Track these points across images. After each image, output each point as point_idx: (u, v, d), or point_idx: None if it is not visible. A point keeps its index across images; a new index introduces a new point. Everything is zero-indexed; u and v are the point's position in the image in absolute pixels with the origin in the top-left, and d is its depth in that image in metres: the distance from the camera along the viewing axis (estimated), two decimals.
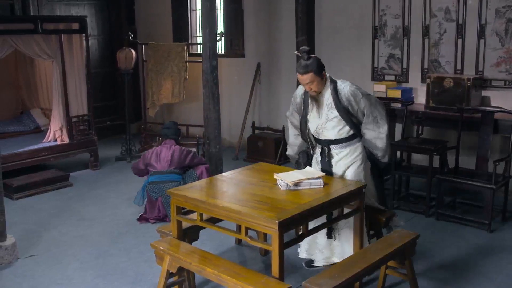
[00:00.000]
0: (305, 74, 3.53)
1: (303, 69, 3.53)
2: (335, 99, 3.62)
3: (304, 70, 3.53)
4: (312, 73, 3.53)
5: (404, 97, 5.64)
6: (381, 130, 3.66)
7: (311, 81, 3.56)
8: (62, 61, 6.46)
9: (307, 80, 3.55)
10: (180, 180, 5.07)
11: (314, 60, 3.55)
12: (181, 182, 5.03)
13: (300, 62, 3.56)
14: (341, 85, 3.66)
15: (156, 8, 8.73)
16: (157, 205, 5.03)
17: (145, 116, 8.35)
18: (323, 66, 3.62)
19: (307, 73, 3.53)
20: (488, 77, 5.55)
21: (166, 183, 5.03)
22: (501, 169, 4.86)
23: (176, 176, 5.11)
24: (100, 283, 3.93)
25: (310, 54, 3.56)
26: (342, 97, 3.62)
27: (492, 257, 4.21)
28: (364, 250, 3.42)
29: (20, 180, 5.97)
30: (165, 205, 4.96)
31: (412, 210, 5.23)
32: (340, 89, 3.64)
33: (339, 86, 3.65)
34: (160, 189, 5.00)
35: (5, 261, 4.22)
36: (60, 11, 8.06)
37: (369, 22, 6.33)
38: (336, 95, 3.62)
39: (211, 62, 5.43)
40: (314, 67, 3.53)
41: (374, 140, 3.69)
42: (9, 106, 7.56)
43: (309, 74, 3.53)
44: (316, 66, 3.54)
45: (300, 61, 3.58)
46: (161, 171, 5.13)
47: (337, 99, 3.62)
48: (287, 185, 3.37)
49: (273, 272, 2.98)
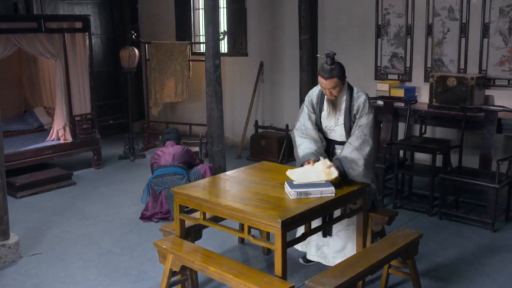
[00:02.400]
0: (329, 79, 3.53)
1: (328, 73, 3.52)
2: (348, 105, 3.65)
3: (329, 75, 3.52)
4: (337, 79, 3.53)
5: (407, 96, 5.63)
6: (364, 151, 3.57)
7: (333, 86, 3.56)
8: (65, 60, 6.48)
9: (330, 85, 3.55)
10: (184, 175, 5.07)
11: (338, 66, 3.55)
12: (185, 177, 5.03)
13: (324, 67, 3.54)
14: (356, 93, 3.68)
15: (159, 7, 8.74)
16: (159, 199, 5.03)
17: (148, 115, 8.36)
18: (345, 72, 3.63)
19: (331, 78, 3.52)
20: (491, 76, 5.53)
21: (170, 175, 5.03)
22: (504, 168, 4.85)
23: (181, 170, 5.11)
24: (103, 281, 3.94)
25: (335, 59, 3.55)
26: (355, 105, 3.64)
27: (495, 257, 4.21)
28: (367, 249, 3.42)
29: (23, 179, 5.98)
30: (168, 199, 4.96)
31: (415, 209, 5.22)
32: (355, 97, 3.66)
33: (355, 94, 3.67)
34: (164, 182, 5.01)
35: (8, 259, 4.23)
36: (63, 10, 8.07)
37: (372, 21, 6.32)
38: (350, 101, 3.65)
39: (214, 61, 5.43)
40: (339, 72, 3.53)
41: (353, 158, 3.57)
42: (12, 105, 7.57)
43: (334, 79, 3.53)
44: (341, 72, 3.55)
45: (323, 65, 3.56)
46: (165, 164, 5.15)
47: (350, 106, 3.65)
48: (297, 194, 3.25)
49: (276, 271, 2.98)
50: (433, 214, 5.07)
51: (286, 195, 3.32)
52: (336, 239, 3.90)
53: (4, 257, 4.21)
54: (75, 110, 6.68)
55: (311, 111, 3.81)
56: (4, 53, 6.06)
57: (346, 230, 3.86)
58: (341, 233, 3.88)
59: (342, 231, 3.87)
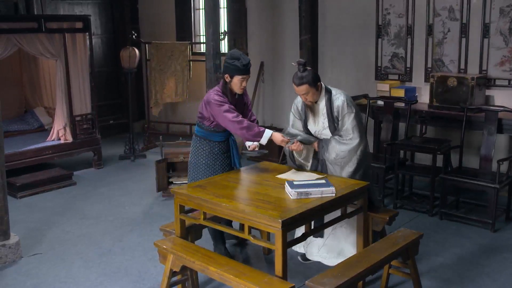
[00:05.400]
0: (300, 86, 3.66)
1: (299, 80, 3.66)
2: (328, 108, 3.75)
3: (299, 82, 3.65)
4: (307, 85, 3.65)
5: (407, 96, 5.63)
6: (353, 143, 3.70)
7: (306, 92, 3.68)
8: (65, 60, 6.48)
9: (302, 91, 3.68)
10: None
11: (310, 72, 3.67)
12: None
13: (296, 74, 3.68)
14: (335, 95, 3.77)
15: (160, 7, 8.74)
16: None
17: (148, 115, 8.36)
18: (319, 77, 3.75)
19: (302, 84, 3.65)
20: (492, 76, 5.53)
21: None
22: (505, 168, 4.85)
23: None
24: (104, 281, 3.94)
25: (306, 67, 3.68)
26: (334, 107, 3.73)
27: (496, 257, 4.21)
28: (368, 249, 3.42)
29: (23, 179, 5.98)
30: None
31: (416, 209, 5.22)
32: (334, 100, 3.75)
33: (333, 97, 3.76)
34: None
35: (9, 259, 4.24)
36: (63, 10, 8.07)
37: (372, 21, 6.31)
38: (330, 104, 3.75)
39: (214, 61, 5.43)
40: (310, 79, 3.65)
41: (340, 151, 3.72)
42: (13, 105, 7.56)
43: (304, 85, 3.65)
44: (312, 78, 3.66)
45: (296, 72, 3.69)
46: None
47: (330, 108, 3.74)
48: (298, 194, 3.27)
49: (276, 271, 2.98)
50: (433, 214, 5.07)
51: (286, 195, 3.32)
52: (332, 238, 3.92)
53: (4, 257, 4.21)
54: (76, 110, 6.68)
55: (297, 117, 3.95)
56: (4, 53, 6.06)
57: (341, 228, 3.88)
58: (337, 231, 3.90)
59: (337, 229, 3.89)
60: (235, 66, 3.74)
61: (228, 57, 3.81)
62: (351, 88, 6.42)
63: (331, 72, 6.76)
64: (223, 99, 3.81)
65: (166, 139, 6.73)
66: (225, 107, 3.77)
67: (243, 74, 3.78)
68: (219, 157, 3.99)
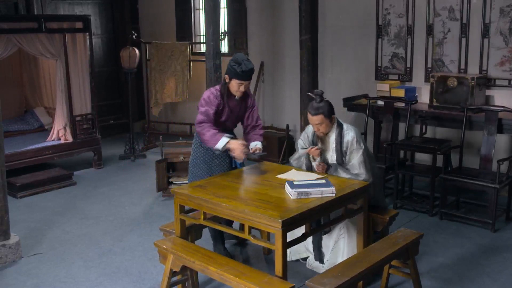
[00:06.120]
0: (315, 116, 3.71)
1: (315, 110, 3.70)
2: (338, 142, 3.78)
3: (315, 112, 3.70)
4: (323, 116, 3.70)
5: (407, 96, 5.62)
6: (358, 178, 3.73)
7: (320, 123, 3.73)
8: (65, 60, 6.48)
9: (317, 121, 3.72)
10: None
11: (326, 104, 3.72)
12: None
13: (312, 104, 3.73)
14: (345, 130, 3.80)
15: (160, 7, 8.74)
16: None
17: (148, 115, 8.36)
18: (333, 110, 3.78)
19: (317, 114, 3.70)
20: (492, 76, 5.53)
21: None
22: (505, 168, 4.85)
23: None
24: (104, 281, 3.94)
25: (323, 98, 3.73)
26: (344, 142, 3.76)
27: (496, 257, 4.21)
28: (368, 249, 3.42)
29: (24, 179, 5.98)
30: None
31: (416, 209, 5.22)
32: (344, 134, 3.78)
33: (344, 131, 3.79)
34: None
35: (9, 259, 4.24)
36: (63, 10, 8.07)
37: (373, 21, 6.31)
38: (340, 138, 3.78)
39: (214, 61, 5.43)
40: (325, 110, 3.70)
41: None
42: (13, 104, 7.57)
43: (320, 116, 3.70)
44: (327, 110, 3.71)
45: (312, 102, 3.75)
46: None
47: (340, 142, 3.78)
48: (298, 194, 3.27)
49: (277, 271, 2.98)
50: (433, 214, 5.07)
51: (287, 195, 3.32)
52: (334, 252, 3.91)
53: (4, 257, 4.21)
54: (76, 110, 6.68)
55: (306, 145, 3.98)
56: (4, 53, 6.06)
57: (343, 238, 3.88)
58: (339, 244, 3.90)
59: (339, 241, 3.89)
60: (234, 70, 3.75)
61: (232, 59, 3.83)
62: (351, 88, 6.43)
63: (331, 72, 6.76)
64: (211, 102, 3.84)
65: (166, 139, 6.74)
66: (204, 108, 3.83)
67: (240, 80, 3.78)
68: (218, 156, 4.00)
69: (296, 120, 6.80)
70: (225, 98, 3.87)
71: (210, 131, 3.81)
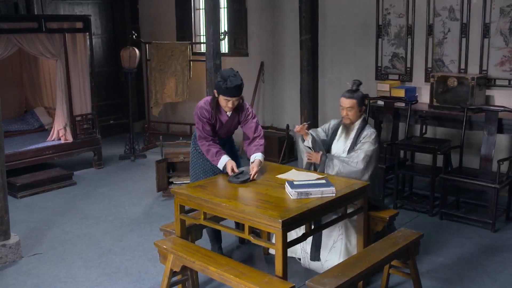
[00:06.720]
0: (349, 99, 3.90)
1: (350, 94, 3.92)
2: (357, 135, 3.93)
3: (350, 95, 3.91)
4: (356, 102, 3.90)
5: (407, 96, 5.62)
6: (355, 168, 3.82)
7: (351, 107, 3.90)
8: (66, 60, 6.48)
9: (348, 104, 3.91)
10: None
11: (361, 93, 3.94)
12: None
13: (348, 90, 3.93)
14: (368, 127, 3.98)
15: (160, 7, 8.74)
16: None
17: (148, 115, 8.36)
18: (365, 103, 3.98)
19: (351, 98, 3.90)
20: (492, 76, 5.53)
21: None
22: (505, 168, 4.84)
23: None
24: (104, 281, 3.94)
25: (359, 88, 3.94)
26: (363, 134, 3.91)
27: (496, 257, 4.21)
28: (368, 249, 3.42)
29: (24, 179, 5.99)
30: None
31: (416, 209, 5.22)
32: (366, 128, 3.95)
33: (367, 127, 3.96)
34: None
35: (9, 259, 4.24)
36: (64, 10, 8.07)
37: (373, 21, 6.31)
38: (361, 132, 3.93)
39: (214, 61, 5.43)
40: (359, 97, 3.92)
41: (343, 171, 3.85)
42: (13, 104, 7.57)
43: (353, 100, 3.90)
44: (361, 98, 3.93)
45: (348, 89, 3.94)
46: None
47: (359, 135, 3.92)
48: (298, 194, 3.27)
49: (277, 271, 2.98)
50: (433, 214, 5.07)
51: (287, 195, 3.32)
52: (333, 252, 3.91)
53: (4, 257, 4.21)
54: (76, 110, 6.68)
55: (323, 132, 4.16)
56: (4, 53, 6.06)
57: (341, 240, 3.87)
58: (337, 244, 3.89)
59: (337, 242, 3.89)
60: (220, 86, 3.69)
61: (219, 74, 3.83)
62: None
63: (331, 72, 6.76)
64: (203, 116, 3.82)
65: (166, 139, 6.73)
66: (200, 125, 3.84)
67: (226, 96, 3.70)
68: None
69: (296, 120, 6.80)
70: (214, 111, 3.83)
71: (210, 151, 3.82)
